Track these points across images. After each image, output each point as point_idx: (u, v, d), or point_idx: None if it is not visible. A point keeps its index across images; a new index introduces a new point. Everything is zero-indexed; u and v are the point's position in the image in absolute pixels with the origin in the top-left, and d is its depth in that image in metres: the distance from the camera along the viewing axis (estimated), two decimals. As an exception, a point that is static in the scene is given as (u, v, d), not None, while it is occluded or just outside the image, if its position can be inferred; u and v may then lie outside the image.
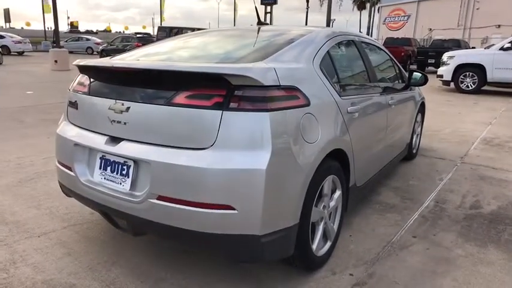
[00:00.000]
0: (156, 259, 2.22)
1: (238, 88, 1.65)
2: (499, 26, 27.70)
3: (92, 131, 2.01)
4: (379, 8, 41.95)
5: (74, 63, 2.24)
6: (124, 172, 1.84)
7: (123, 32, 70.53)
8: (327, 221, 2.14)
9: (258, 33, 2.60)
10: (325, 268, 2.15)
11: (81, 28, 65.58)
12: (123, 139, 1.85)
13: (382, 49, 3.42)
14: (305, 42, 2.21)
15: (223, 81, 1.64)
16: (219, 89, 1.66)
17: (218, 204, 1.61)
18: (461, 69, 10.45)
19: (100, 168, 1.95)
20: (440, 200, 3.19)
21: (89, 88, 2.08)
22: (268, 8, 30.30)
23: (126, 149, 1.82)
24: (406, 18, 38.10)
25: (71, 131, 2.14)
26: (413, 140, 4.22)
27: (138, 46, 19.71)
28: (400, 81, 3.59)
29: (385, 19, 40.17)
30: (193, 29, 19.48)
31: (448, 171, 3.94)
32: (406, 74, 3.64)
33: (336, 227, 2.28)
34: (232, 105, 1.63)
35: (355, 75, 2.69)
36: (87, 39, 31.20)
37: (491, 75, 10.04)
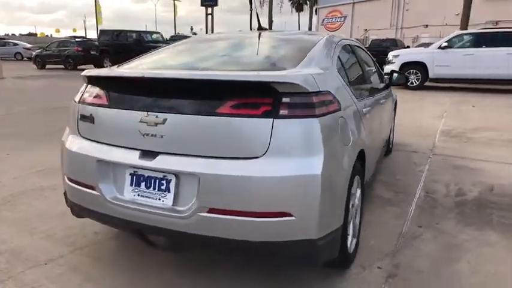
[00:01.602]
0: (180, 273, 2.14)
1: (285, 95, 1.66)
2: (427, 25, 30.19)
3: (117, 145, 1.89)
4: (316, 9, 43.56)
5: (82, 73, 2.08)
6: (163, 187, 1.76)
7: (51, 35, 65.80)
8: (353, 219, 2.22)
9: (273, 38, 2.62)
10: (355, 264, 2.23)
11: (1, 31, 60.11)
12: (160, 153, 1.77)
13: (367, 52, 3.59)
14: (322, 48, 2.27)
15: (269, 89, 1.64)
16: (265, 97, 1.66)
17: (276, 212, 1.61)
18: (406, 67, 11.26)
19: (132, 184, 1.84)
20: (429, 191, 3.43)
21: (108, 100, 1.95)
22: (209, 9, 29.91)
23: (165, 162, 1.74)
24: (342, 19, 39.95)
25: (87, 147, 1.99)
26: (390, 135, 4.49)
27: (79, 51, 18.52)
28: (381, 80, 3.80)
29: (323, 20, 41.80)
30: (139, 32, 18.70)
31: (424, 164, 4.24)
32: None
33: (357, 223, 2.37)
34: (282, 112, 1.63)
35: (359, 77, 2.81)
36: (15, 44, 28.72)
37: (432, 72, 10.96)
